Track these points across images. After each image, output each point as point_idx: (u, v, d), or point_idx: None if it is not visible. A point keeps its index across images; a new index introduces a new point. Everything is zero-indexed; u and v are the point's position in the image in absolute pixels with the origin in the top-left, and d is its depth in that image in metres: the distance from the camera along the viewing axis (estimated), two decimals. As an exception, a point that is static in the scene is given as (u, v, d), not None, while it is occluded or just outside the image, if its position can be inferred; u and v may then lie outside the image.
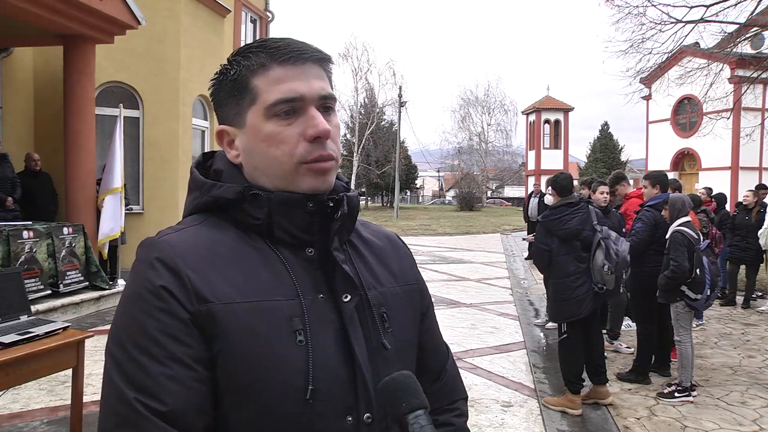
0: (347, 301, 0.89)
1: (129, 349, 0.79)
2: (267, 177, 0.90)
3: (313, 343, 0.83)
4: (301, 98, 0.88)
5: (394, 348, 0.92)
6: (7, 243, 6.14)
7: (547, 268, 4.51)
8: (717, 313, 8.08)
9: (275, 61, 0.89)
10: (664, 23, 11.47)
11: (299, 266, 0.89)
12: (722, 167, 23.27)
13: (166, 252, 0.83)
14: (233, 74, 0.91)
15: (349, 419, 0.85)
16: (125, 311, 0.82)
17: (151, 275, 0.82)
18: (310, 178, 0.89)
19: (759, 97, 21.81)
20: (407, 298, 1.01)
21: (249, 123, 0.90)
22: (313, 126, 0.88)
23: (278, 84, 0.88)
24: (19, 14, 6.70)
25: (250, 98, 0.89)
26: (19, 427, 3.80)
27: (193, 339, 0.79)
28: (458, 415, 1.06)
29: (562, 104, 36.48)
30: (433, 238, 20.36)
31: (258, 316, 0.82)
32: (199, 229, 0.89)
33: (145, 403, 0.75)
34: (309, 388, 0.81)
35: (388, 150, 39.30)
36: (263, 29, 15.26)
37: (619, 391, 4.84)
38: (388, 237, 1.08)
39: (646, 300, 5.07)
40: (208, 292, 0.81)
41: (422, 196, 68.00)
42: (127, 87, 9.36)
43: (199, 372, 0.79)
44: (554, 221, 4.42)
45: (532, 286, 10.07)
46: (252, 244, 0.88)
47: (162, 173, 9.44)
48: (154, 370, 0.77)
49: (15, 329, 3.08)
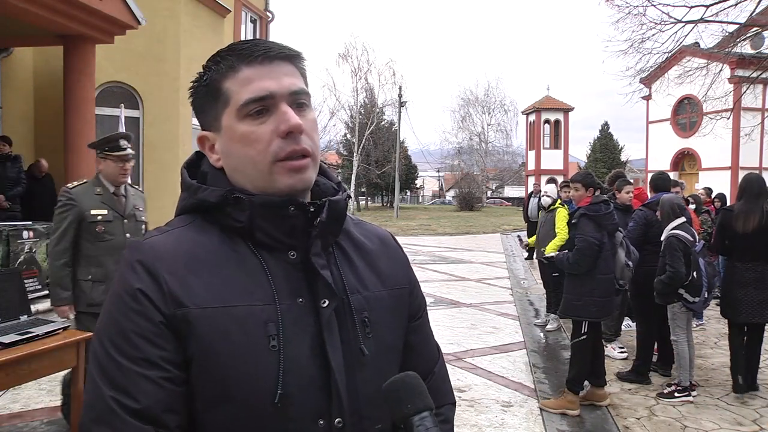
0: (325, 307, 0.89)
1: (107, 347, 0.82)
2: (246, 178, 0.91)
3: (287, 349, 0.84)
4: (271, 96, 0.89)
5: (373, 353, 0.92)
6: (7, 243, 6.14)
7: (593, 264, 4.32)
8: (717, 313, 8.03)
9: (243, 62, 0.90)
10: (664, 23, 11.48)
11: (280, 270, 0.89)
12: (722, 167, 23.28)
13: (147, 255, 0.85)
14: (205, 80, 0.92)
15: (321, 423, 0.86)
16: (106, 311, 0.85)
17: (130, 277, 0.84)
18: (285, 177, 0.89)
19: (759, 97, 21.81)
20: (394, 301, 1.00)
21: (224, 125, 0.91)
22: (284, 121, 0.88)
23: (248, 84, 0.89)
24: (19, 14, 6.70)
25: (223, 101, 0.91)
26: (19, 427, 3.80)
27: (167, 341, 0.81)
28: (442, 422, 1.04)
29: (562, 104, 36.47)
30: (433, 238, 20.36)
31: (233, 321, 0.83)
32: (184, 231, 0.90)
33: (120, 401, 0.78)
34: (278, 393, 0.82)
35: (388, 150, 39.26)
36: (263, 29, 15.26)
37: (619, 391, 4.84)
38: (380, 237, 1.07)
39: (645, 299, 5.06)
40: (184, 296, 0.83)
41: (422, 196, 67.98)
42: (127, 87, 9.36)
43: (171, 372, 0.81)
44: (606, 215, 4.38)
45: (532, 286, 10.07)
46: (233, 248, 0.89)
47: (162, 173, 9.43)
48: (129, 370, 0.79)
49: (15, 329, 3.07)
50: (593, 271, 4.32)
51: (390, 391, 0.82)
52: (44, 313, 6.12)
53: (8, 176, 7.53)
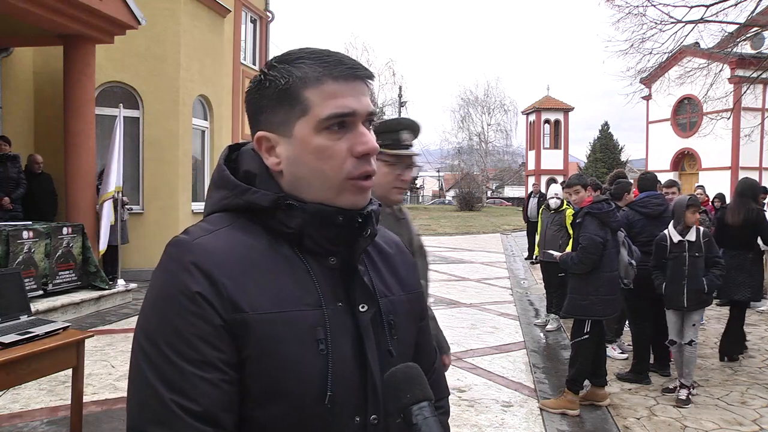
0: (364, 311, 0.93)
1: (163, 349, 0.81)
2: (310, 188, 0.92)
3: (333, 352, 0.88)
4: (352, 114, 0.90)
5: (398, 354, 0.96)
6: (6, 243, 6.14)
7: (598, 261, 4.34)
8: (717, 313, 8.07)
9: (330, 75, 0.90)
10: (664, 23, 11.49)
11: (322, 275, 0.92)
12: (722, 167, 23.29)
13: (201, 257, 0.85)
14: (284, 83, 0.90)
15: (357, 420, 0.90)
16: (158, 311, 0.84)
17: (186, 279, 0.83)
18: (352, 195, 0.92)
19: (759, 97, 21.84)
20: (410, 304, 1.06)
21: (297, 134, 0.90)
22: (363, 143, 0.90)
23: (332, 99, 0.89)
24: (19, 14, 6.70)
25: (301, 109, 0.90)
26: (19, 427, 3.79)
27: (225, 344, 0.82)
28: (443, 413, 1.12)
29: (562, 104, 36.48)
30: (433, 238, 20.36)
31: (286, 325, 0.86)
32: (231, 231, 0.90)
33: (180, 403, 0.79)
34: (328, 394, 0.86)
35: (388, 150, 39.19)
36: (263, 29, 15.26)
37: (619, 391, 4.85)
38: (396, 243, 1.12)
39: (638, 299, 5.09)
40: (242, 300, 0.84)
41: (422, 196, 67.93)
42: (127, 87, 9.36)
43: (229, 375, 0.82)
44: (610, 213, 4.40)
45: (532, 286, 10.07)
46: (281, 251, 0.91)
47: (162, 173, 9.43)
48: (189, 372, 0.80)
49: (15, 329, 3.08)
50: (598, 270, 4.34)
51: (390, 382, 0.84)
52: (44, 313, 6.13)
53: (10, 176, 7.53)
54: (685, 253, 4.63)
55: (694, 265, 4.61)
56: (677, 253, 4.66)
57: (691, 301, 4.59)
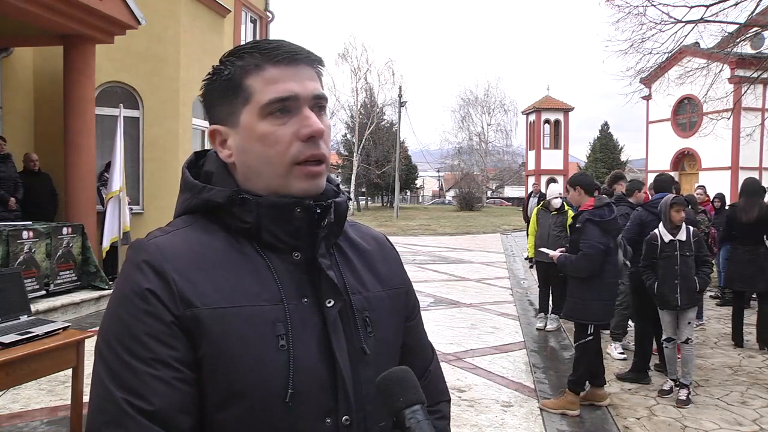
0: (330, 306, 0.90)
1: (116, 349, 0.80)
2: (259, 177, 0.91)
3: (295, 348, 0.85)
4: (295, 97, 0.89)
5: (374, 352, 0.93)
6: (6, 243, 6.14)
7: (598, 268, 4.31)
8: (717, 313, 8.08)
9: (270, 61, 0.89)
10: (664, 23, 11.47)
11: (285, 270, 0.89)
12: (722, 167, 23.27)
13: (154, 255, 0.85)
14: (227, 74, 0.91)
15: (328, 421, 0.87)
16: (113, 312, 0.84)
17: (138, 278, 0.83)
18: (301, 181, 0.90)
19: (759, 97, 21.82)
20: (392, 301, 1.02)
21: (243, 122, 0.91)
22: (307, 125, 0.89)
23: (272, 84, 0.89)
24: (19, 14, 6.69)
25: (244, 98, 0.90)
26: (19, 427, 3.79)
27: (178, 341, 0.81)
28: (440, 418, 1.06)
29: (562, 104, 36.48)
30: (433, 238, 20.36)
31: (242, 321, 0.83)
32: (188, 231, 0.90)
33: (132, 403, 0.77)
34: (289, 392, 0.83)
35: (388, 150, 39.26)
36: (263, 29, 15.26)
37: (619, 391, 4.84)
38: (376, 239, 1.08)
39: (642, 298, 5.09)
40: (194, 296, 0.83)
41: (422, 196, 68.00)
42: (127, 87, 9.35)
43: (184, 373, 0.80)
44: (611, 221, 4.39)
45: (532, 286, 10.06)
46: (239, 248, 0.89)
47: (162, 173, 9.42)
48: (141, 371, 0.78)
49: (15, 329, 3.08)
50: (600, 275, 4.31)
51: (383, 385, 0.83)
52: (44, 313, 6.13)
53: (10, 176, 7.51)
54: (677, 252, 4.63)
55: (686, 264, 4.61)
56: (669, 252, 4.65)
57: (685, 300, 4.60)
